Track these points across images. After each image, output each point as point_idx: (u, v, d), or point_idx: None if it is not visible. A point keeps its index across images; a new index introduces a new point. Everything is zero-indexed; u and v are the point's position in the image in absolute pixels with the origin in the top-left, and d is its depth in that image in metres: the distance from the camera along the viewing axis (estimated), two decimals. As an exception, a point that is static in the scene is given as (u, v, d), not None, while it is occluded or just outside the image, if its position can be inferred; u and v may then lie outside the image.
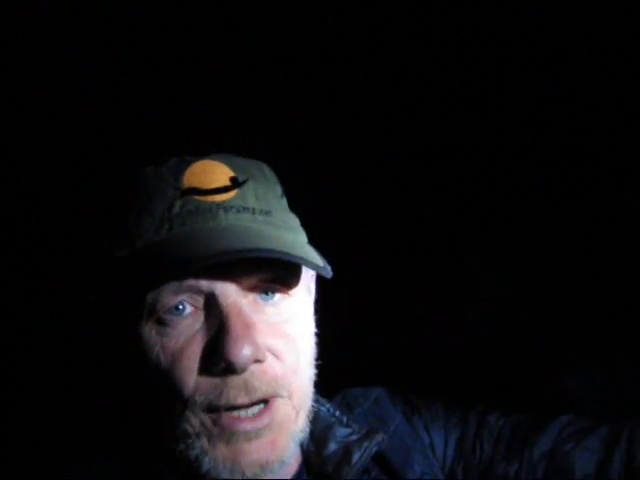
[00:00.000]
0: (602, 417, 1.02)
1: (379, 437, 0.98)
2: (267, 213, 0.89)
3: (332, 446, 0.97)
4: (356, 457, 0.96)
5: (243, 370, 0.81)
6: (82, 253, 1.06)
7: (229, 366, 0.80)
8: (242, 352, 0.79)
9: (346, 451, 0.96)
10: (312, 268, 0.86)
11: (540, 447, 0.99)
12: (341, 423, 1.00)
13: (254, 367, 0.82)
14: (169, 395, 0.83)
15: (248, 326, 0.82)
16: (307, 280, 0.95)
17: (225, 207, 0.86)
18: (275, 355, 0.85)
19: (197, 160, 0.91)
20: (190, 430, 0.83)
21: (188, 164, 0.90)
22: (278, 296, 0.87)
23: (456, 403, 1.09)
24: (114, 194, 0.95)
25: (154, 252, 0.84)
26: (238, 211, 0.87)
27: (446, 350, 1.94)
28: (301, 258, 0.82)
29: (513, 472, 1.00)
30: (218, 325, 0.82)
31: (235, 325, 0.81)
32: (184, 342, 0.83)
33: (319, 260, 0.87)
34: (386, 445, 0.98)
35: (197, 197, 0.87)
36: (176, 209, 0.86)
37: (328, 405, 1.02)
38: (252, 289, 0.85)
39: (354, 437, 0.98)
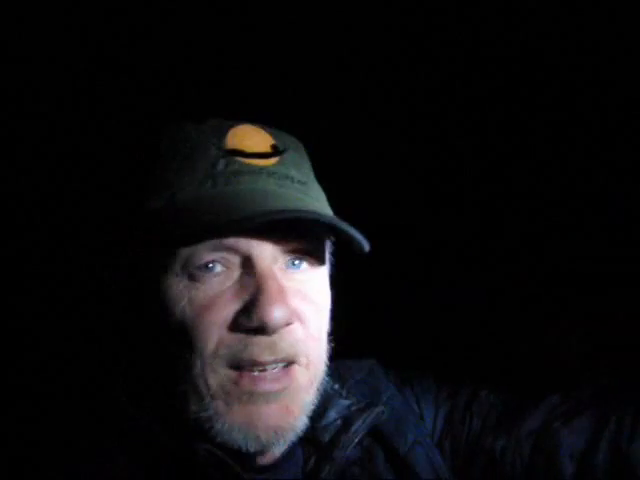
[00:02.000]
0: (592, 397, 1.04)
1: (379, 409, 1.00)
2: (304, 184, 0.91)
3: (331, 416, 0.99)
4: (355, 427, 0.97)
5: (274, 332, 0.82)
6: (107, 203, 1.05)
7: (261, 326, 0.82)
8: (277, 314, 0.82)
9: (345, 422, 0.98)
10: (357, 238, 0.85)
11: (528, 424, 1.02)
12: (340, 395, 1.02)
13: (282, 329, 0.83)
14: (191, 349, 0.83)
15: (282, 290, 0.84)
16: (327, 253, 0.96)
17: (269, 172, 0.88)
18: (300, 320, 0.87)
19: (238, 124, 0.92)
20: (205, 391, 0.83)
21: (230, 126, 0.91)
22: (305, 265, 0.89)
23: (447, 377, 1.11)
24: (147, 145, 0.94)
25: (196, 207, 0.84)
26: (280, 177, 0.88)
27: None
28: (349, 226, 0.84)
29: (500, 447, 1.03)
30: (252, 286, 0.83)
31: (271, 288, 0.83)
32: (213, 297, 0.83)
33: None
34: (385, 417, 1.00)
35: (240, 158, 0.88)
36: (220, 167, 0.87)
37: (325, 377, 1.02)
38: (284, 255, 0.86)
39: (354, 408, 1.00)
